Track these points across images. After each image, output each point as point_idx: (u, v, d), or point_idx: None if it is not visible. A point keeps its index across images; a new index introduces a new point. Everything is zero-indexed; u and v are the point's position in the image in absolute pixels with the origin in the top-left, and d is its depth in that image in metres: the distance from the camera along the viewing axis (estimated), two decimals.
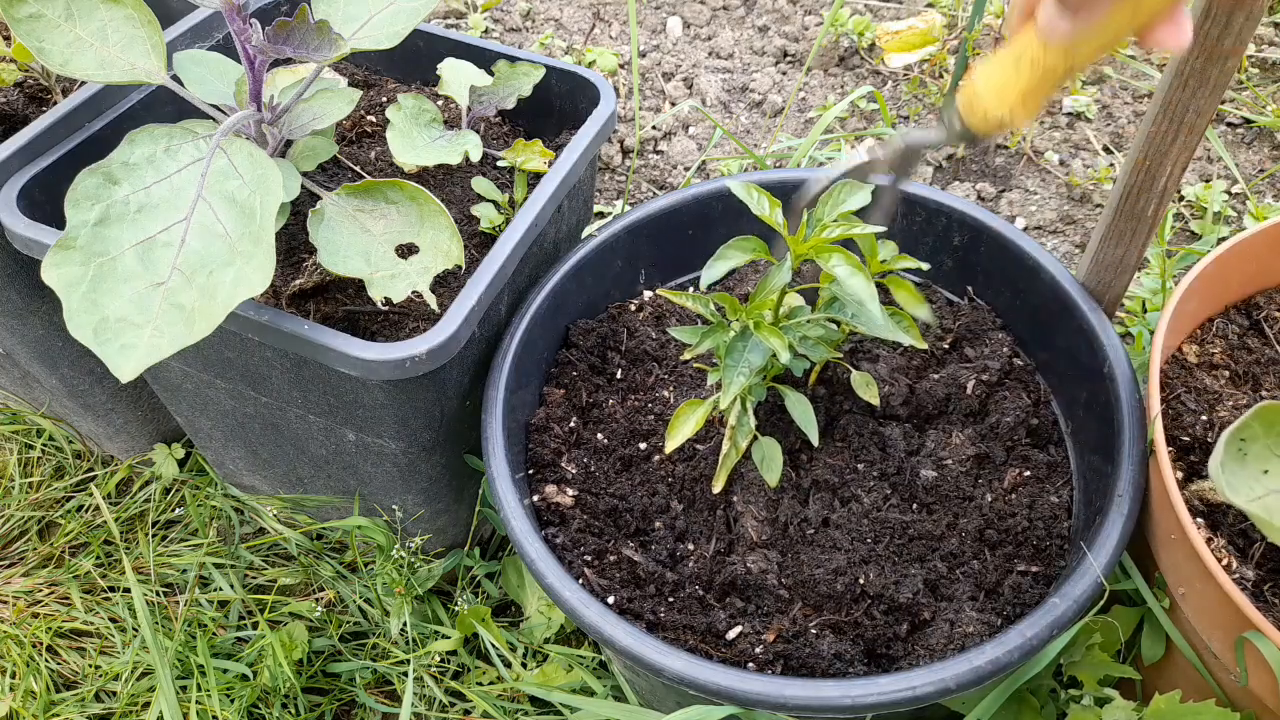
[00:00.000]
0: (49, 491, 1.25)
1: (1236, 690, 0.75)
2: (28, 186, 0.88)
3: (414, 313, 0.90)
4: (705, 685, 0.69)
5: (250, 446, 1.07)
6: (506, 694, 1.05)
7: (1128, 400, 0.83)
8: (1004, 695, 0.77)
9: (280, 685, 1.03)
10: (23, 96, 1.03)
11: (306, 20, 0.74)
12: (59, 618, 1.13)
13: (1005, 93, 0.62)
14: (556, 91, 1.11)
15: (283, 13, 1.16)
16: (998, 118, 0.63)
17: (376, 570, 1.08)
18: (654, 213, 1.05)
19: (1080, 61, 0.59)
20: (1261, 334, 0.97)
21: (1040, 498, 0.86)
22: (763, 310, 0.81)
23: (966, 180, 1.59)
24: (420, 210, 0.83)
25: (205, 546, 1.18)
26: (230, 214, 0.72)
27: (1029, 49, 0.59)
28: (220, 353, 0.90)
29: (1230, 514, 0.80)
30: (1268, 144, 1.63)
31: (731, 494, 0.88)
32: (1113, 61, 1.78)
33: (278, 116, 0.86)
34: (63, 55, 0.77)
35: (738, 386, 0.79)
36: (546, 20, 1.95)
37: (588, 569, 0.83)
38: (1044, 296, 0.95)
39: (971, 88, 0.64)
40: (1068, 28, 0.55)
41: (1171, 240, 1.48)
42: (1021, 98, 0.61)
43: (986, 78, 0.63)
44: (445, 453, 0.96)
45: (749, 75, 1.80)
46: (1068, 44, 0.57)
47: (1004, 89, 0.62)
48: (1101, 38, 0.56)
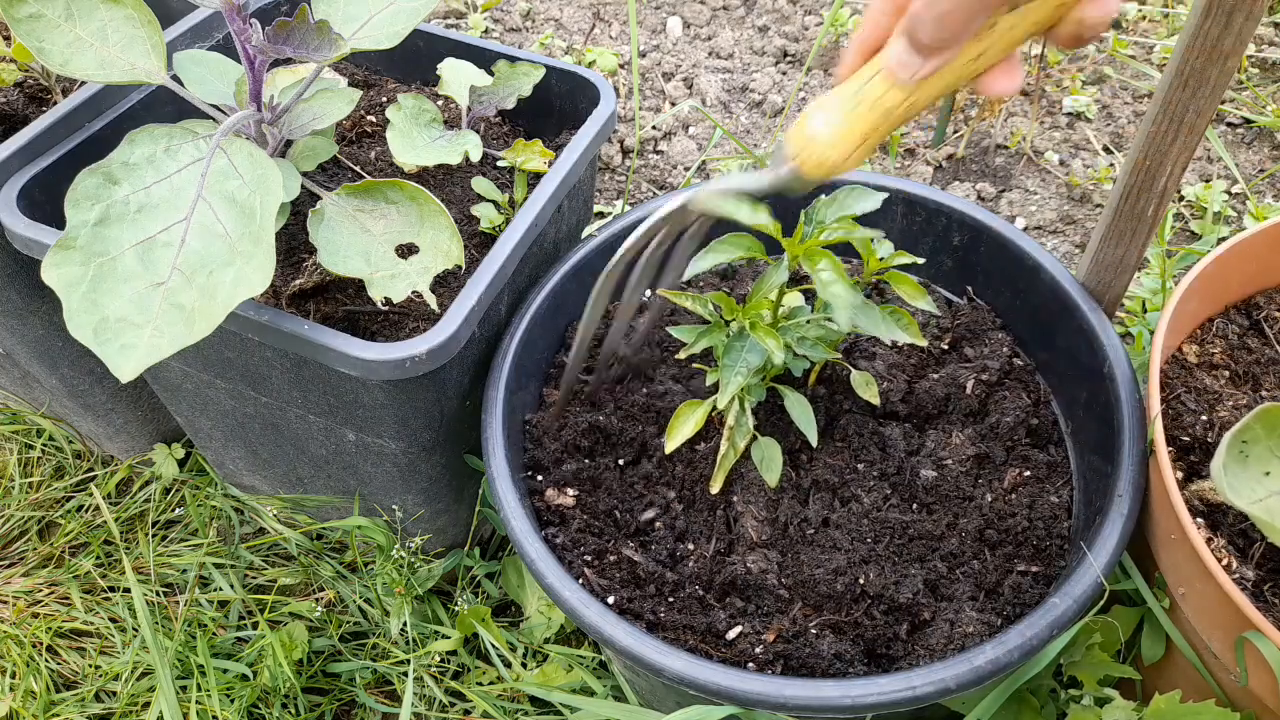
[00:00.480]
0: (49, 491, 1.25)
1: (1236, 690, 0.75)
2: (28, 186, 0.88)
3: (414, 313, 0.90)
4: (705, 685, 0.69)
5: (250, 446, 1.07)
6: (506, 694, 1.05)
7: (1128, 400, 0.83)
8: (1004, 695, 0.77)
9: (280, 685, 1.03)
10: (23, 96, 1.03)
11: (306, 20, 0.74)
12: (59, 618, 1.13)
13: (845, 137, 0.58)
14: (556, 91, 1.11)
15: (283, 13, 1.16)
16: (833, 163, 0.59)
17: (376, 570, 1.08)
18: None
19: (919, 104, 0.57)
20: (1261, 334, 0.97)
21: (1040, 498, 0.86)
22: (760, 310, 0.81)
23: (966, 180, 1.59)
24: (420, 210, 0.83)
25: (205, 546, 1.18)
26: (230, 214, 0.72)
27: (870, 90, 0.57)
28: (220, 353, 0.90)
29: (1230, 514, 0.80)
30: (1268, 144, 1.63)
31: (731, 494, 0.88)
32: (1113, 61, 1.78)
33: (278, 116, 0.86)
34: (63, 55, 0.77)
35: (735, 386, 0.79)
36: (546, 20, 1.95)
37: (588, 569, 0.83)
38: (1044, 296, 0.95)
39: (805, 133, 0.59)
40: (919, 68, 0.54)
41: (1171, 240, 1.48)
42: (861, 140, 0.58)
43: (824, 122, 0.59)
44: (445, 453, 0.96)
45: (749, 75, 1.80)
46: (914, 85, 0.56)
47: (843, 133, 0.58)
48: (945, 80, 0.55)
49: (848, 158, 0.59)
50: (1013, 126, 1.67)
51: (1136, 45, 1.83)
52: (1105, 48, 1.80)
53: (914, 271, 1.02)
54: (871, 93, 0.57)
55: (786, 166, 0.61)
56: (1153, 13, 1.88)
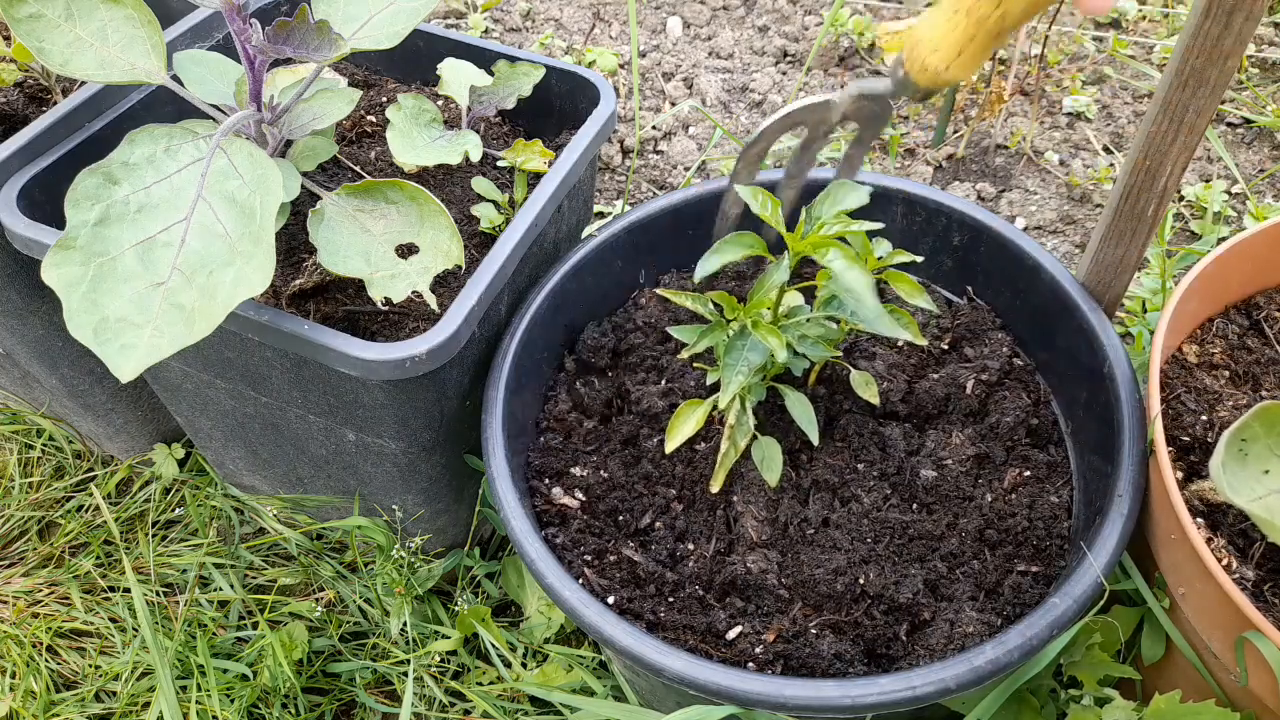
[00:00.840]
0: (49, 491, 1.25)
1: (1236, 690, 0.75)
2: (28, 186, 0.88)
3: (414, 313, 0.90)
4: (705, 685, 0.69)
5: (250, 446, 1.07)
6: (506, 694, 1.05)
7: (1128, 400, 0.83)
8: (1004, 695, 0.77)
9: (280, 685, 1.03)
10: (23, 96, 1.03)
11: (306, 20, 0.74)
12: (59, 618, 1.13)
13: (942, 42, 0.62)
14: (556, 91, 1.11)
15: (283, 13, 1.16)
16: (935, 68, 0.64)
17: (376, 570, 1.08)
18: (654, 212, 1.05)
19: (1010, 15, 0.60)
20: (1261, 334, 0.97)
21: (1040, 498, 0.86)
22: (761, 309, 0.81)
23: (966, 180, 1.59)
24: (420, 210, 0.83)
25: (205, 546, 1.18)
26: (230, 214, 0.72)
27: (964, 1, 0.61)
28: (220, 353, 0.90)
29: (1230, 514, 0.80)
30: (1268, 144, 1.63)
31: (731, 494, 0.88)
32: (1113, 61, 1.78)
33: (278, 116, 0.86)
34: (63, 55, 0.77)
35: (736, 386, 0.79)
36: (546, 20, 1.95)
37: (588, 569, 0.83)
38: (1044, 296, 0.95)
39: (913, 36, 0.64)
40: None
41: (1171, 240, 1.48)
42: (957, 48, 0.62)
43: (927, 27, 0.63)
44: (445, 453, 0.96)
45: (749, 75, 1.80)
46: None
47: (941, 39, 0.62)
48: None
49: (949, 65, 0.63)
50: (1013, 126, 1.67)
51: (1136, 45, 1.83)
52: (1105, 48, 1.80)
53: (914, 271, 1.02)
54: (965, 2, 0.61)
55: (900, 71, 0.66)
56: (1153, 13, 1.88)
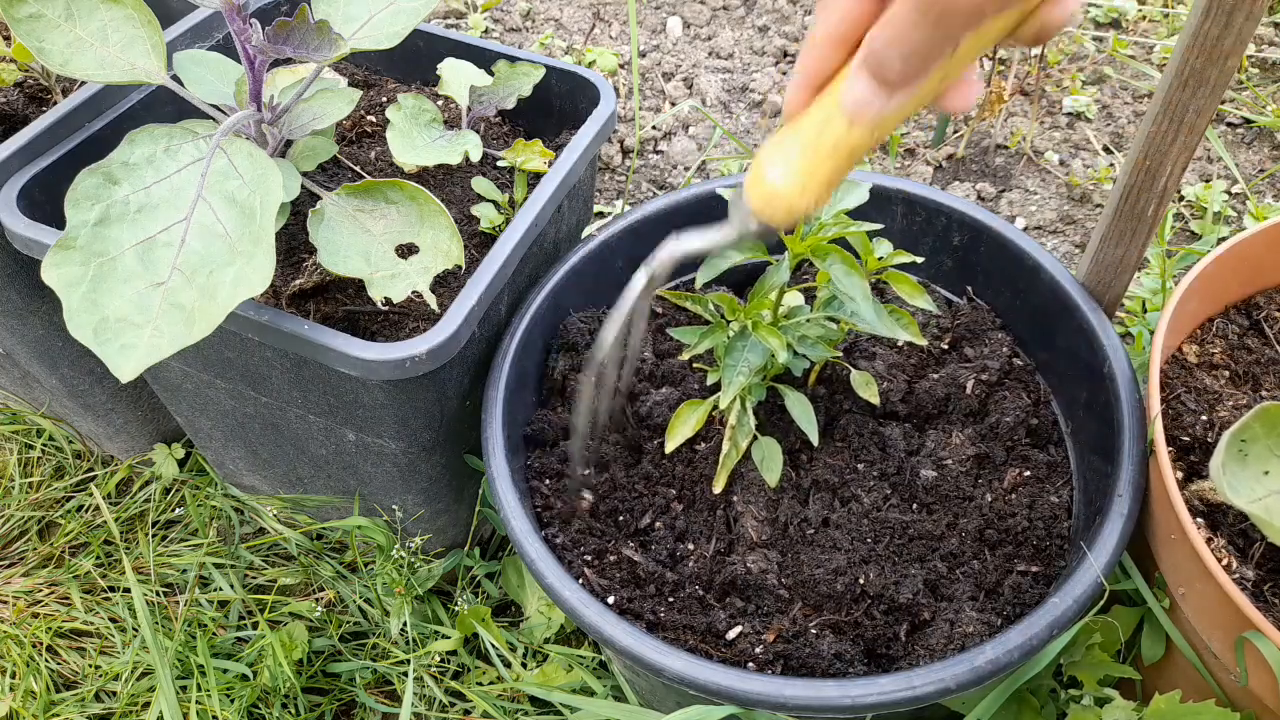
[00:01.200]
0: (49, 491, 1.25)
1: (1236, 690, 0.75)
2: (28, 186, 0.88)
3: (414, 313, 0.90)
4: (705, 685, 0.69)
5: (250, 446, 1.07)
6: (506, 694, 1.05)
7: (1128, 400, 0.83)
8: (1004, 695, 0.77)
9: (280, 685, 1.03)
10: (23, 96, 1.03)
11: (306, 20, 0.74)
12: (59, 618, 1.13)
13: (809, 182, 0.55)
14: (556, 91, 1.11)
15: (283, 13, 1.16)
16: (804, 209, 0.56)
17: (376, 570, 1.08)
18: (654, 213, 1.05)
19: (883, 135, 0.54)
20: (1261, 334, 0.97)
21: (1040, 498, 0.86)
22: (761, 310, 0.81)
23: (966, 180, 1.59)
24: (420, 210, 0.83)
25: (205, 546, 1.18)
26: (230, 214, 0.72)
27: (831, 133, 0.53)
28: (220, 353, 0.90)
29: (1230, 514, 0.80)
30: (1268, 144, 1.63)
31: (731, 494, 0.88)
32: (1113, 61, 1.78)
33: (278, 116, 0.86)
34: (63, 55, 0.77)
35: (737, 386, 0.79)
36: (546, 20, 1.95)
37: (588, 569, 0.83)
38: (1044, 296, 0.95)
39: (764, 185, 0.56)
40: (884, 105, 0.50)
41: (1171, 240, 1.48)
42: (826, 184, 0.55)
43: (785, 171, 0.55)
44: (445, 453, 0.96)
45: (749, 75, 1.80)
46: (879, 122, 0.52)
47: (806, 179, 0.55)
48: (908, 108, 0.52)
49: (816, 200, 0.56)
50: (1013, 126, 1.67)
51: (1136, 45, 1.83)
52: (1105, 48, 1.80)
53: (914, 271, 1.02)
54: (832, 135, 0.53)
55: (754, 221, 0.58)
56: (1153, 13, 1.88)
